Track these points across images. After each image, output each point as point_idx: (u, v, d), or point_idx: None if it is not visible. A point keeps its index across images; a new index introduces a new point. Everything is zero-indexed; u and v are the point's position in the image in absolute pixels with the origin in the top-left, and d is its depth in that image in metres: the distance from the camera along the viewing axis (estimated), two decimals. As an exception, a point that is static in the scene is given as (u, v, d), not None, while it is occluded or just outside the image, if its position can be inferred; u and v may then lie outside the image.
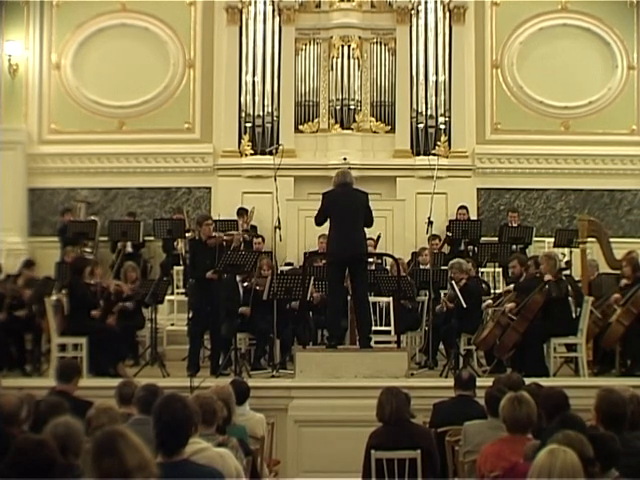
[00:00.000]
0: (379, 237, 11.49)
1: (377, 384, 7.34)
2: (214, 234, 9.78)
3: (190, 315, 10.56)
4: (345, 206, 8.97)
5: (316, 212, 9.24)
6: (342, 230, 8.92)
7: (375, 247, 11.33)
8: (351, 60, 13.70)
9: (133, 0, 14.23)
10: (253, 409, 6.78)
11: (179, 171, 14.07)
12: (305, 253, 11.17)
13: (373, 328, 9.96)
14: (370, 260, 11.18)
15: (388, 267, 11.46)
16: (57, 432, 4.14)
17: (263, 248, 12.02)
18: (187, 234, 12.32)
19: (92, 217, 13.46)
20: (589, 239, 10.45)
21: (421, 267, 11.18)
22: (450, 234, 12.76)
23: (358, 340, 9.19)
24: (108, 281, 10.57)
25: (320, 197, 9.28)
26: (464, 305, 9.66)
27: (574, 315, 9.84)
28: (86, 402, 5.79)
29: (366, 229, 9.35)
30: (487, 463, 5.01)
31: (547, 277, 9.41)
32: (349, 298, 9.82)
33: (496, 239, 12.77)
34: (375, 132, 13.88)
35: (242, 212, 12.97)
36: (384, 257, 11.46)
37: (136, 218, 13.49)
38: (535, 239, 13.03)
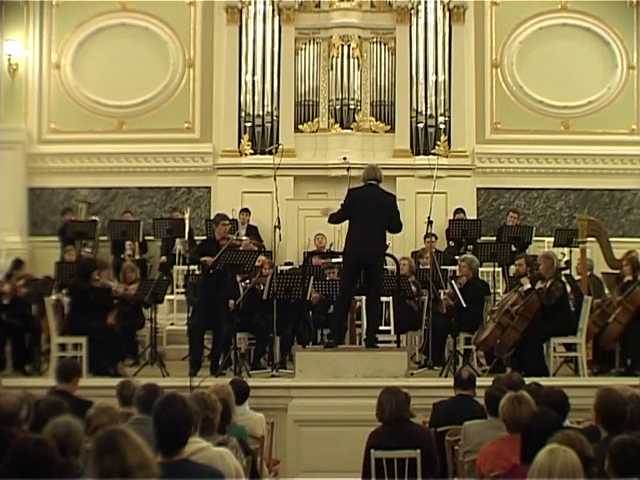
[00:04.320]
0: (386, 247, 11.44)
1: (377, 384, 7.35)
2: (229, 236, 9.78)
3: (190, 314, 10.57)
4: (368, 207, 8.85)
5: (338, 209, 9.15)
6: (361, 231, 8.84)
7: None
8: (351, 60, 13.70)
9: (133, 0, 14.24)
10: (253, 409, 6.79)
11: (179, 171, 14.07)
12: (305, 253, 11.18)
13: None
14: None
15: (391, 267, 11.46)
16: (57, 432, 4.14)
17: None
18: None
19: (93, 217, 13.44)
20: (589, 239, 10.46)
21: (421, 267, 11.19)
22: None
23: (364, 340, 9.19)
24: (114, 285, 10.54)
25: (320, 196, 9.28)
26: (464, 305, 9.67)
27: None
28: (86, 402, 5.80)
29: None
30: (487, 463, 5.01)
31: (538, 285, 9.42)
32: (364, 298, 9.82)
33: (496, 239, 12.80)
34: (375, 132, 13.88)
35: (244, 211, 13.01)
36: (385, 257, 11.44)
37: (132, 213, 13.54)
38: (535, 239, 13.03)
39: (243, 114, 13.74)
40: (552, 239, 12.44)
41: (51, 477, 3.55)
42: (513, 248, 11.84)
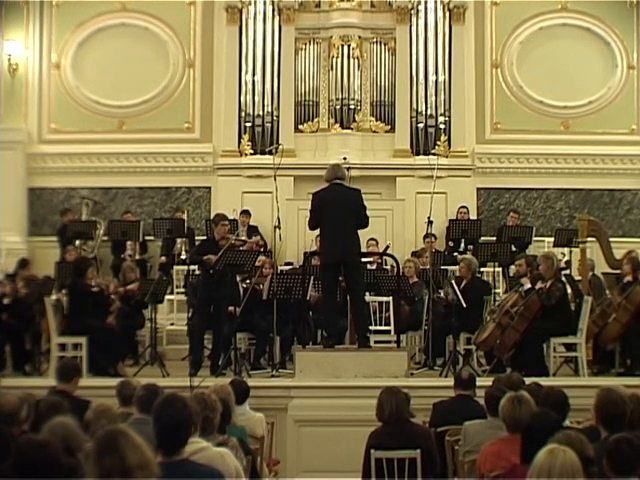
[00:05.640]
0: (387, 247, 11.46)
1: (377, 384, 7.34)
2: (228, 236, 9.79)
3: (190, 314, 10.57)
4: (335, 207, 8.88)
5: (308, 214, 9.22)
6: (332, 232, 8.88)
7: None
8: (351, 60, 13.69)
9: (133, 0, 14.24)
10: (253, 409, 6.79)
11: (179, 171, 14.07)
12: (305, 253, 11.18)
13: (373, 328, 9.98)
14: (371, 260, 11.20)
15: (388, 267, 11.48)
16: (55, 433, 4.13)
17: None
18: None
19: (94, 218, 13.42)
20: (589, 239, 10.46)
21: (421, 267, 11.18)
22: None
23: (356, 339, 9.19)
24: (107, 283, 10.56)
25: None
26: (464, 305, 9.67)
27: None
28: (86, 402, 5.79)
29: (366, 229, 9.37)
30: (487, 463, 5.01)
31: (538, 285, 9.43)
32: (345, 297, 9.81)
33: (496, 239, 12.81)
34: (375, 132, 13.87)
35: (244, 213, 13.01)
36: (384, 257, 11.45)
37: (132, 213, 13.55)
38: (535, 239, 13.02)
39: (243, 114, 13.74)
40: (552, 239, 12.44)
41: (54, 478, 3.54)
42: (513, 248, 11.83)
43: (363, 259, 10.07)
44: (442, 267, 11.25)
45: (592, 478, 3.77)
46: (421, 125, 13.69)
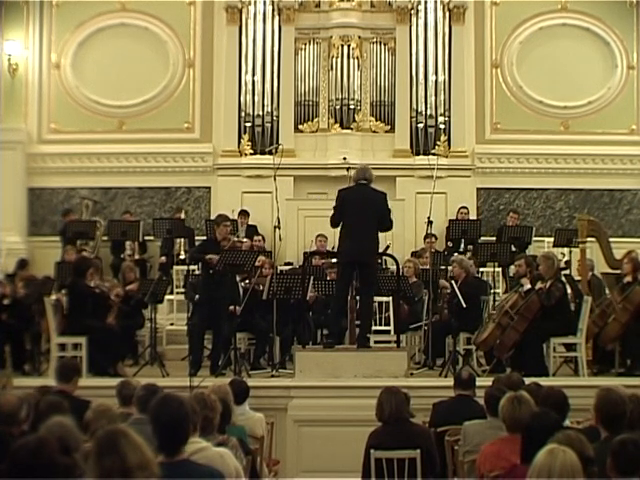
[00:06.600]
0: (387, 247, 11.45)
1: (377, 384, 7.34)
2: (229, 237, 9.78)
3: (190, 314, 10.56)
4: (358, 207, 8.89)
5: (332, 211, 9.20)
6: (353, 231, 8.87)
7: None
8: (351, 60, 13.70)
9: (133, 0, 14.24)
10: (253, 409, 6.79)
11: (179, 171, 14.07)
12: (305, 253, 11.18)
13: (373, 327, 9.97)
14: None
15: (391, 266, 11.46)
16: (53, 432, 4.12)
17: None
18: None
19: (95, 218, 13.42)
20: (589, 239, 10.46)
21: (421, 267, 11.19)
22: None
23: (356, 339, 9.19)
24: (110, 285, 10.55)
25: (319, 197, 9.29)
26: (464, 305, 9.67)
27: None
28: (86, 401, 5.79)
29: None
30: (486, 463, 5.01)
31: (538, 285, 9.43)
32: (349, 298, 9.81)
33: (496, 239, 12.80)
34: (375, 132, 13.88)
35: (243, 213, 13.01)
36: (384, 257, 11.44)
37: (132, 213, 13.56)
38: (535, 239, 13.03)
39: (243, 114, 13.74)
40: (552, 239, 12.44)
41: (52, 478, 3.54)
42: (513, 248, 11.82)
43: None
44: (442, 267, 11.24)
45: (592, 478, 3.77)
46: (421, 125, 13.69)
